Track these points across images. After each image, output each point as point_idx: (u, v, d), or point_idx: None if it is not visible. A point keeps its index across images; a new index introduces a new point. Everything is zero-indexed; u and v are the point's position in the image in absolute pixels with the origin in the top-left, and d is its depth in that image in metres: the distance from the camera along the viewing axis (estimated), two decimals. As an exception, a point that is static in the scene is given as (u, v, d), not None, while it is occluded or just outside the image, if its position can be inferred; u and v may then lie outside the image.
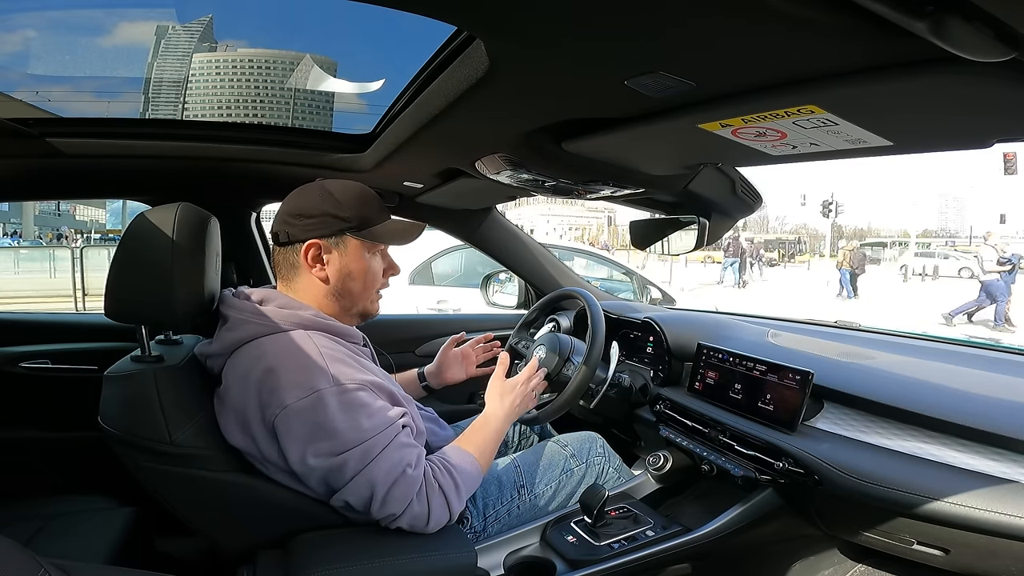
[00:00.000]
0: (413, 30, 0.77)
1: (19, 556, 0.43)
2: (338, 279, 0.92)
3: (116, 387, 0.85)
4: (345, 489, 0.81)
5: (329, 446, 0.79)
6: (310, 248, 0.89)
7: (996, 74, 0.47)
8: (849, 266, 12.23)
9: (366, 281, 0.94)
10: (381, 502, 0.81)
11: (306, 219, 0.89)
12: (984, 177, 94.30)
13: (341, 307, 0.94)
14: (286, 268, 0.93)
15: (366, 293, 0.95)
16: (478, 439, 0.99)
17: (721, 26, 0.49)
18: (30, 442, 1.39)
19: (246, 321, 0.86)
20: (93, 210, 35.09)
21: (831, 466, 0.90)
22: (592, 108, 0.78)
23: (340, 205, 0.90)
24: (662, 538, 1.01)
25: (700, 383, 1.21)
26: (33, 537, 1.06)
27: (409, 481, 0.82)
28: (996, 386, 0.96)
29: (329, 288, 0.92)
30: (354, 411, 0.80)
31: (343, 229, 0.90)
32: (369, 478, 0.80)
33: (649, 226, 1.32)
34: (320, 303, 0.92)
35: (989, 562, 0.81)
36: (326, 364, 0.81)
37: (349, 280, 0.92)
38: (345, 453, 0.79)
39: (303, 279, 0.92)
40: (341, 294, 0.93)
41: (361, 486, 0.80)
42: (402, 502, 0.82)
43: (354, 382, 0.82)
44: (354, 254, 0.92)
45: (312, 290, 0.92)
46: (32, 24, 1.38)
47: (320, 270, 0.91)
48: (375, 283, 0.96)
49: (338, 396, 0.80)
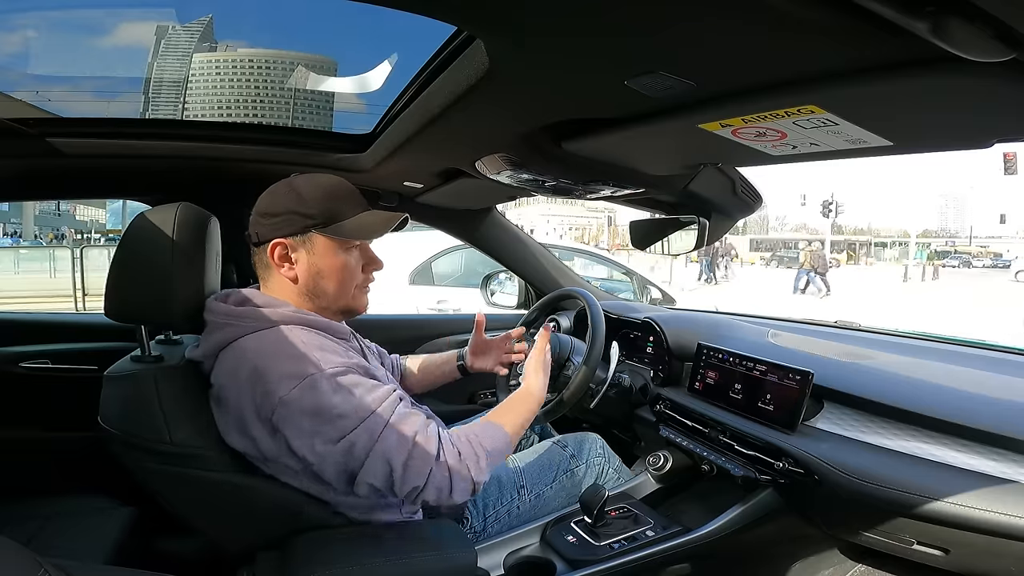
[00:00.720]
0: (413, 30, 0.77)
1: (19, 556, 0.43)
2: (307, 278, 0.88)
3: (116, 387, 0.85)
4: (363, 471, 0.79)
5: (332, 430, 0.78)
6: (275, 248, 0.87)
7: (996, 74, 0.47)
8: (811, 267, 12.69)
9: (340, 279, 0.90)
10: (402, 476, 0.79)
11: (272, 218, 0.87)
12: (984, 177, 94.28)
13: (317, 306, 0.90)
14: (261, 268, 0.91)
15: (342, 291, 0.90)
16: (514, 414, 0.96)
17: (721, 26, 0.49)
18: (30, 442, 1.39)
19: (223, 324, 0.85)
20: (93, 210, 35.07)
21: (831, 466, 0.90)
22: (592, 108, 0.78)
23: (304, 202, 0.86)
24: (662, 538, 1.01)
25: (700, 383, 1.21)
26: (33, 537, 1.06)
27: (424, 448, 0.81)
28: (996, 386, 0.96)
29: (299, 287, 0.89)
30: (347, 391, 0.79)
31: (308, 227, 0.86)
32: (382, 453, 0.79)
33: (649, 226, 1.32)
34: (296, 303, 0.89)
35: (989, 562, 0.81)
36: (311, 352, 0.80)
37: (320, 279, 0.88)
38: (350, 434, 0.78)
39: (275, 279, 0.90)
40: (314, 293, 0.89)
41: (377, 463, 0.79)
42: (422, 472, 0.80)
43: (342, 365, 0.81)
44: (322, 252, 0.88)
45: (285, 290, 0.89)
46: (32, 24, 1.38)
47: (289, 270, 0.87)
48: (351, 280, 0.91)
49: (328, 379, 0.79)
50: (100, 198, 15.07)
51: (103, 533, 1.10)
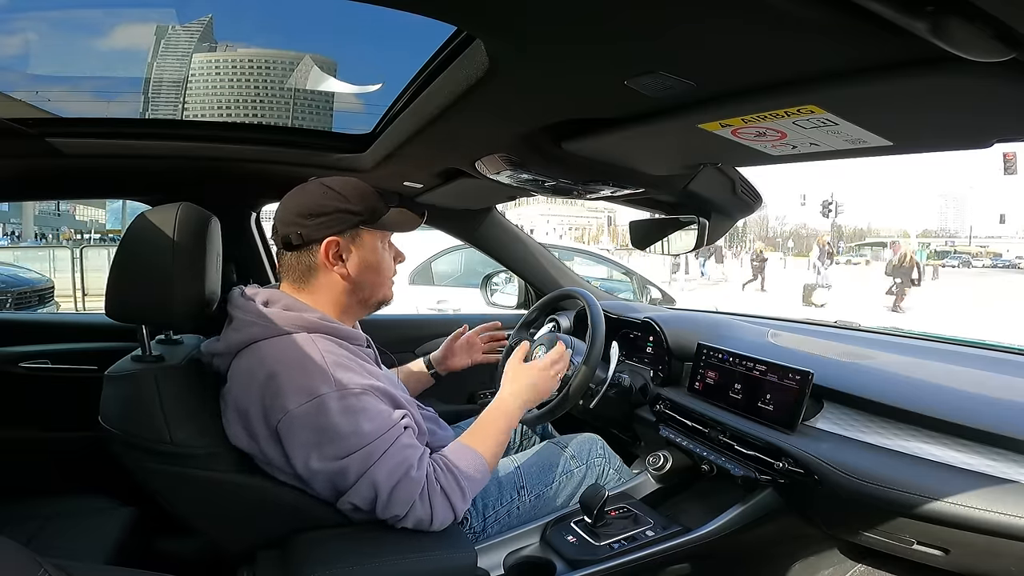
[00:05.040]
0: (413, 30, 0.77)
1: (19, 556, 0.43)
2: (359, 273, 0.93)
3: (116, 387, 0.85)
4: (350, 492, 0.81)
5: (332, 450, 0.79)
6: (329, 246, 0.90)
7: (996, 74, 0.47)
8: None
9: (383, 271, 0.96)
10: (385, 503, 0.81)
11: (318, 218, 0.89)
12: (984, 177, 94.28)
13: (359, 300, 0.95)
14: (300, 271, 0.92)
15: (383, 282, 0.97)
16: (486, 434, 0.96)
17: (721, 26, 0.49)
18: (30, 442, 1.39)
19: (251, 323, 0.85)
20: (93, 210, 35.08)
21: (831, 466, 0.90)
22: (592, 108, 0.78)
23: (348, 200, 0.90)
24: (662, 538, 1.01)
25: (700, 383, 1.21)
26: (33, 537, 1.06)
27: (412, 483, 0.82)
28: (996, 386, 0.96)
29: (349, 284, 0.93)
30: (356, 415, 0.80)
31: (357, 223, 0.91)
32: (372, 480, 0.80)
33: (649, 226, 1.32)
34: (338, 300, 0.93)
35: (989, 562, 0.81)
36: (328, 368, 0.81)
37: (369, 272, 0.94)
38: (348, 457, 0.79)
39: (321, 279, 0.92)
40: (360, 287, 0.94)
41: (365, 488, 0.81)
42: (405, 504, 0.82)
43: (356, 387, 0.82)
44: (370, 246, 0.94)
45: (332, 289, 0.92)
46: (32, 25, 1.38)
47: (341, 267, 0.91)
48: (390, 271, 0.99)
49: (340, 401, 0.80)
50: (100, 198, 15.08)
51: (103, 533, 1.10)
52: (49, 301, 5.27)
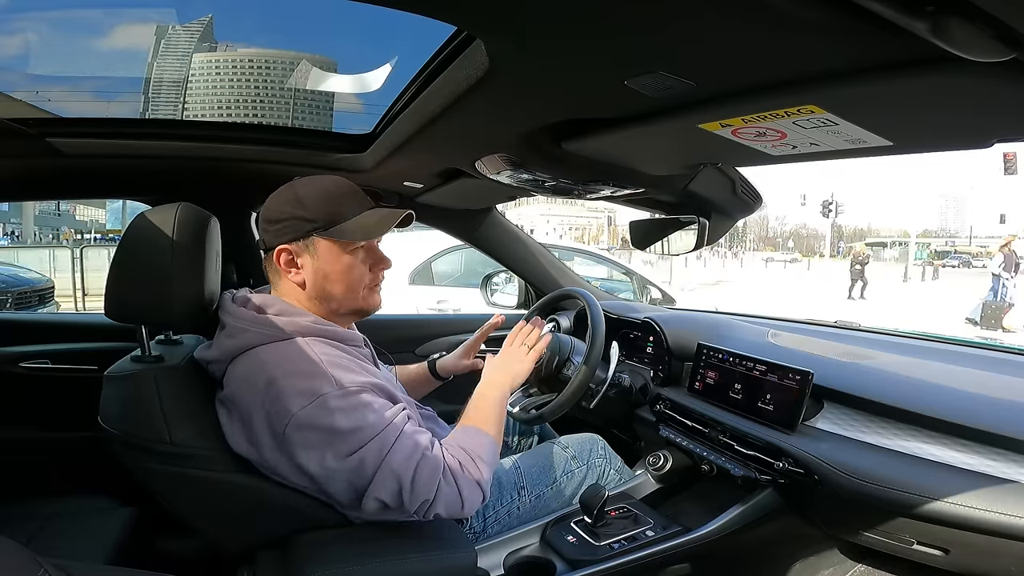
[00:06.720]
0: (413, 30, 0.77)
1: (19, 556, 0.43)
2: (314, 282, 0.88)
3: (116, 387, 0.85)
4: (372, 486, 0.79)
5: (345, 446, 0.78)
6: (280, 254, 0.87)
7: (996, 74, 0.47)
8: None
9: (348, 281, 0.89)
10: (411, 490, 0.79)
11: (274, 224, 0.87)
12: (984, 177, 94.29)
13: (328, 309, 0.90)
14: (271, 274, 0.92)
15: (350, 293, 0.90)
16: (477, 414, 0.96)
17: (721, 25, 0.49)
18: (30, 442, 1.39)
19: (244, 329, 0.85)
20: (93, 210, 35.06)
21: (831, 466, 0.90)
22: (592, 108, 0.78)
23: (304, 206, 0.86)
24: (662, 538, 1.01)
25: (700, 383, 1.21)
26: (33, 537, 1.06)
27: (431, 462, 0.81)
28: (996, 386, 0.96)
29: (308, 292, 0.89)
30: (359, 410, 0.80)
31: (309, 231, 0.86)
32: (391, 468, 0.79)
33: (649, 226, 1.32)
34: (307, 307, 0.89)
35: (989, 562, 0.81)
36: (327, 368, 0.81)
37: (327, 282, 0.88)
38: (361, 450, 0.78)
39: (284, 284, 0.90)
40: (322, 297, 0.89)
41: (386, 478, 0.79)
42: (431, 485, 0.80)
43: (356, 384, 0.81)
44: (326, 255, 0.87)
45: (295, 295, 0.90)
46: (32, 25, 1.38)
47: (296, 275, 0.88)
48: (359, 281, 0.90)
49: (342, 399, 0.79)
50: (100, 198, 15.07)
51: (103, 533, 1.10)
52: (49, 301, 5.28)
